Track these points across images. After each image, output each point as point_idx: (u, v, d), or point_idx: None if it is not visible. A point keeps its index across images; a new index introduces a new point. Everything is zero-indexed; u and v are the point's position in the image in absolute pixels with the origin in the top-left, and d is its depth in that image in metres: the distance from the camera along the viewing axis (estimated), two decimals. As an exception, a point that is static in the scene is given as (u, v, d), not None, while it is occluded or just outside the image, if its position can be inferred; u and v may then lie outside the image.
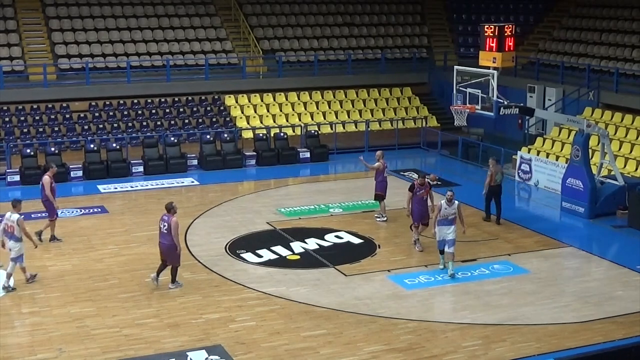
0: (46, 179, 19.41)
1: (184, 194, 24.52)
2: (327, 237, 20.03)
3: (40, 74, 29.68)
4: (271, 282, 17.09)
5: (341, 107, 32.66)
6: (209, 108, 31.16)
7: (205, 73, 31.61)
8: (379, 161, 21.38)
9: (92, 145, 26.93)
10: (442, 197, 17.88)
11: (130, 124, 29.57)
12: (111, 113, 29.90)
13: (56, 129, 28.71)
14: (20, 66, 30.27)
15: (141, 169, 26.80)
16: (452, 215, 17.25)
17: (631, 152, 24.99)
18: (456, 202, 17.29)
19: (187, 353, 13.77)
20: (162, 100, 30.97)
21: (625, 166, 24.30)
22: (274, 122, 31.06)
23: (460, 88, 22.81)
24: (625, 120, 26.60)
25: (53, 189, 19.54)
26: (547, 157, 25.91)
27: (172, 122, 30.04)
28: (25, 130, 28.29)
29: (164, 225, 16.32)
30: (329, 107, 32.41)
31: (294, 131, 30.42)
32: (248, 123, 30.76)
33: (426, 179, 19.32)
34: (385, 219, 21.42)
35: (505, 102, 22.19)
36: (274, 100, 32.09)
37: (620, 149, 25.32)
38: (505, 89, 26.79)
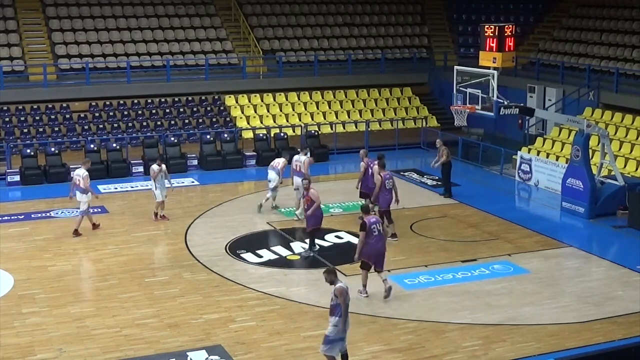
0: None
1: (184, 194, 24.51)
2: (327, 237, 19.97)
3: (40, 74, 29.67)
4: (271, 282, 17.09)
5: (341, 107, 32.64)
6: (209, 108, 31.14)
7: (205, 73, 31.59)
8: (363, 160, 21.41)
9: (92, 146, 26.94)
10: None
11: (130, 124, 29.55)
12: (111, 113, 29.89)
13: (56, 129, 28.69)
14: (21, 66, 30.26)
15: (141, 169, 26.78)
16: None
17: (631, 152, 24.98)
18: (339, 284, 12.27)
19: (187, 353, 13.76)
20: (162, 100, 30.96)
21: (625, 166, 24.29)
22: (274, 122, 31.05)
23: (460, 88, 22.76)
24: (625, 120, 26.59)
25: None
26: (547, 157, 25.89)
27: (172, 122, 30.02)
28: (25, 130, 28.28)
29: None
30: (329, 107, 32.39)
31: (294, 131, 30.41)
32: (248, 123, 30.75)
33: (372, 212, 15.71)
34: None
35: (506, 102, 22.16)
36: (274, 100, 32.07)
37: (620, 149, 25.31)
38: (506, 89, 26.77)
